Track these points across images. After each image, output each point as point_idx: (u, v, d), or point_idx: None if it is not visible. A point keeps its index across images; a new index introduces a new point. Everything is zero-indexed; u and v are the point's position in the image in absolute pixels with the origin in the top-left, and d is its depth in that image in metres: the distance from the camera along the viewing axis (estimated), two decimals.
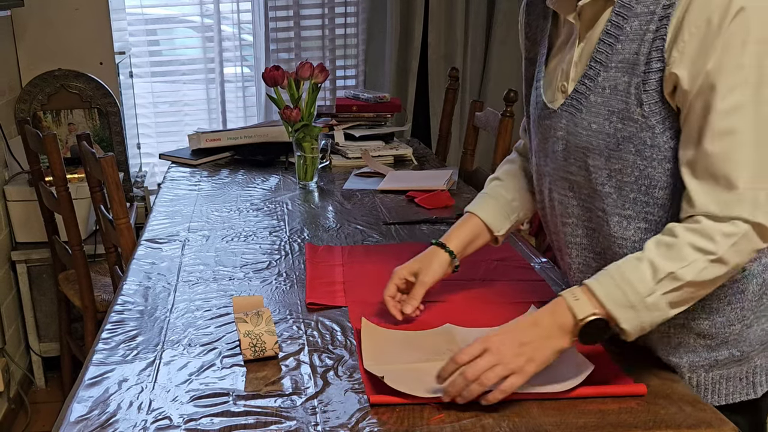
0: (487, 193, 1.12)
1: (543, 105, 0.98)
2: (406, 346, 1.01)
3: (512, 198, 1.11)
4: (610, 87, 0.87)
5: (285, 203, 1.72)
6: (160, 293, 1.21)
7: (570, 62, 0.93)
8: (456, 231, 1.09)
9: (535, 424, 0.83)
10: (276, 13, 2.88)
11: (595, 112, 0.89)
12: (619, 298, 0.82)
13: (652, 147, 0.86)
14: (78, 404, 0.89)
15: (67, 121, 2.42)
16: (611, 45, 0.87)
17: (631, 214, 0.90)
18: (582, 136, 0.91)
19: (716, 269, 0.82)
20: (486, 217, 1.10)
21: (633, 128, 0.86)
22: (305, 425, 0.84)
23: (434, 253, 1.07)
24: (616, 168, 0.89)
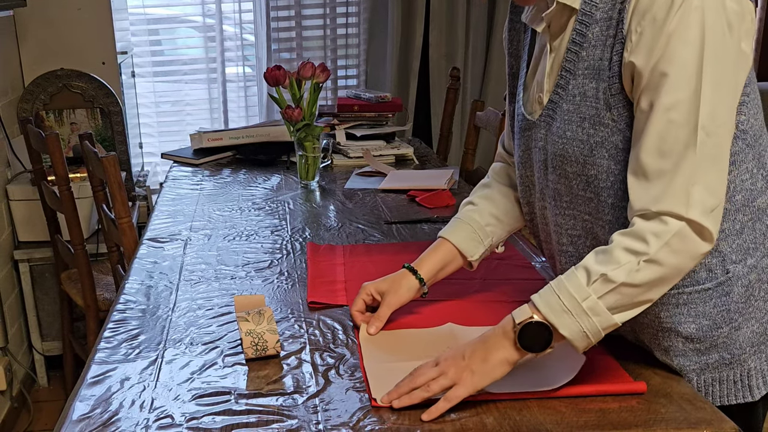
0: (460, 218, 1.11)
1: (523, 117, 0.99)
2: (406, 344, 1.01)
3: (486, 223, 1.10)
4: (579, 94, 0.88)
5: (287, 202, 1.72)
6: (162, 292, 1.22)
7: (543, 73, 0.94)
8: (428, 256, 1.08)
9: (535, 423, 0.83)
10: (278, 13, 2.89)
11: (567, 119, 0.90)
12: (554, 303, 0.83)
13: (624, 151, 0.86)
14: (80, 403, 0.89)
15: (70, 121, 2.42)
16: (577, 53, 0.88)
17: (611, 219, 0.90)
18: (558, 145, 0.91)
19: (651, 271, 0.80)
20: (459, 242, 1.08)
21: (605, 133, 0.87)
22: (306, 424, 0.84)
23: (404, 277, 1.07)
24: (592, 174, 0.89)
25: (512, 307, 1.09)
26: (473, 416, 0.85)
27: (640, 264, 0.80)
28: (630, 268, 0.81)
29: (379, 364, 0.94)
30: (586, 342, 0.84)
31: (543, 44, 0.95)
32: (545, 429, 0.82)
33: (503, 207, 1.11)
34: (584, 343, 0.84)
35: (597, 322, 0.82)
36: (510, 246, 1.40)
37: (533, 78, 0.98)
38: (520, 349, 0.84)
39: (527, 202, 1.05)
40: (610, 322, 0.83)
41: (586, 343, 0.84)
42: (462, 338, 1.01)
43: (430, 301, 1.13)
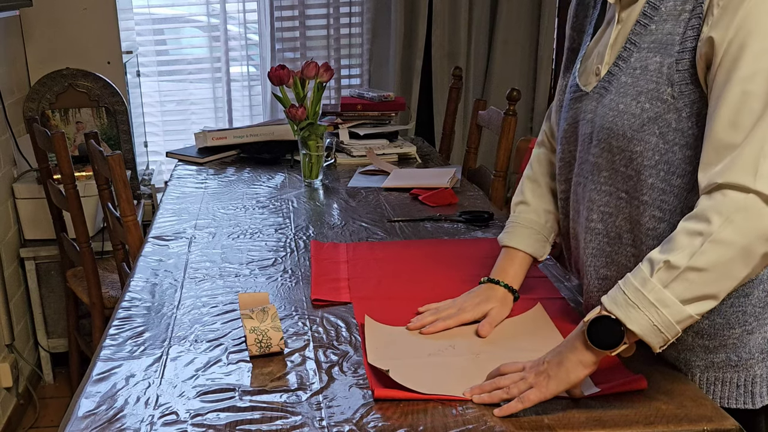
0: (520, 224, 1.13)
1: (576, 88, 0.99)
2: (409, 342, 1.02)
3: (545, 220, 1.12)
4: (640, 67, 0.87)
5: (290, 201, 1.73)
6: (167, 290, 1.22)
7: (606, 45, 0.93)
8: (509, 271, 1.10)
9: (537, 419, 0.84)
10: (281, 12, 2.89)
11: (622, 92, 0.89)
12: (619, 298, 0.81)
13: (675, 130, 0.85)
14: (86, 399, 0.90)
15: (75, 120, 2.44)
16: (646, 26, 0.88)
17: (647, 200, 0.89)
18: (608, 117, 0.91)
19: (716, 252, 0.76)
20: (528, 247, 1.11)
21: (660, 109, 0.86)
22: (310, 420, 0.84)
23: (505, 297, 1.08)
24: (638, 150, 0.88)
25: (515, 304, 1.12)
26: (476, 413, 0.85)
27: (704, 245, 0.76)
28: (692, 250, 0.77)
29: (383, 359, 0.95)
30: (660, 338, 0.79)
31: (611, 16, 0.95)
32: (546, 425, 0.83)
33: (554, 200, 1.12)
34: (658, 339, 0.79)
35: (668, 315, 0.78)
36: None
37: (594, 50, 0.97)
38: (592, 347, 0.82)
39: (564, 179, 1.04)
40: (683, 314, 0.78)
41: (661, 340, 0.80)
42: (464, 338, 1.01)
43: (435, 296, 1.13)
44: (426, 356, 0.97)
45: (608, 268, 0.97)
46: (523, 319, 1.08)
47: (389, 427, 0.83)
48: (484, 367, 0.92)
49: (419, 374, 0.91)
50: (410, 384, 0.88)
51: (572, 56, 1.05)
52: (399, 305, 1.13)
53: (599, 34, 0.98)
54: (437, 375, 0.91)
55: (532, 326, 1.06)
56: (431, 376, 0.91)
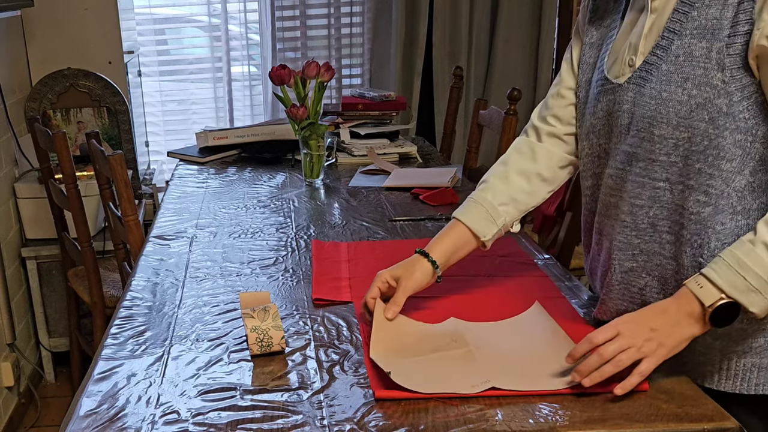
0: (473, 199, 1.10)
1: (604, 81, 0.97)
2: (413, 336, 1.02)
3: (499, 202, 1.08)
4: (684, 54, 0.87)
5: (291, 200, 1.73)
6: (168, 289, 1.23)
7: (640, 35, 0.92)
8: (440, 240, 1.08)
9: (537, 418, 0.84)
10: (282, 12, 2.89)
11: (665, 80, 0.89)
12: (740, 284, 0.83)
13: (726, 115, 0.85)
14: (87, 398, 0.90)
15: (77, 120, 2.44)
16: (686, 13, 0.87)
17: (693, 185, 0.89)
18: (649, 106, 0.90)
19: None
20: (471, 222, 1.07)
21: (710, 94, 0.85)
22: (311, 419, 0.85)
23: (417, 261, 1.06)
24: (685, 137, 0.88)
25: (515, 303, 1.12)
26: (477, 411, 0.85)
27: None
28: None
29: (386, 357, 0.95)
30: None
31: (641, 7, 0.94)
32: (547, 424, 0.83)
33: (518, 186, 1.09)
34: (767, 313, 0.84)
35: None
36: (513, 244, 1.40)
37: (623, 42, 0.96)
38: (706, 324, 0.85)
39: (593, 174, 1.03)
40: None
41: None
42: (465, 333, 1.02)
43: (436, 297, 1.14)
44: (428, 352, 0.97)
45: (634, 259, 0.96)
46: (523, 317, 1.09)
47: (390, 426, 0.83)
48: (485, 362, 0.94)
49: (421, 373, 0.91)
50: (412, 385, 0.88)
51: (591, 51, 1.03)
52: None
53: (626, 25, 0.97)
54: (438, 374, 0.92)
55: (531, 322, 1.07)
56: (432, 374, 0.92)
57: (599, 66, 1.00)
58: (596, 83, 1.00)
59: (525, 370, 0.92)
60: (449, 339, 1.00)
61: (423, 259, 1.06)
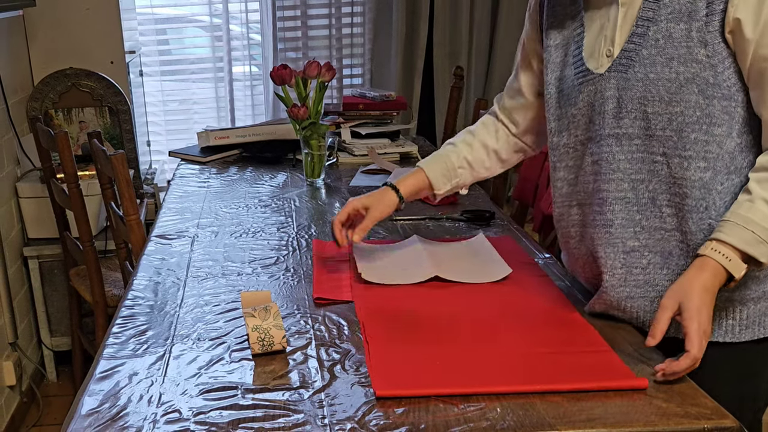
0: (439, 154, 1.25)
1: (585, 73, 1.03)
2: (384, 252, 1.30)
3: (459, 165, 1.24)
4: (663, 37, 0.95)
5: (293, 200, 1.73)
6: (170, 288, 1.23)
7: (614, 28, 1.00)
8: (406, 180, 1.24)
9: (538, 417, 0.84)
10: (284, 12, 2.90)
11: (649, 62, 0.96)
12: (750, 237, 0.90)
13: (713, 86, 0.93)
14: (89, 397, 0.90)
15: (78, 119, 2.44)
16: (657, 1, 0.95)
17: (691, 155, 0.96)
18: (638, 88, 0.97)
19: None
20: (431, 174, 1.24)
21: (696, 69, 0.93)
22: (312, 418, 0.85)
23: (386, 193, 1.22)
24: (677, 111, 0.95)
25: (516, 302, 1.12)
26: (477, 410, 0.86)
27: None
28: None
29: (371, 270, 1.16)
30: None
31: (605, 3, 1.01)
32: (548, 423, 0.83)
33: (478, 156, 1.25)
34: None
35: None
36: (513, 243, 1.41)
37: (596, 36, 1.03)
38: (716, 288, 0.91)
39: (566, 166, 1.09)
40: None
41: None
42: (423, 245, 1.32)
43: (435, 297, 1.14)
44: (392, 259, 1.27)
45: (636, 238, 1.01)
46: (469, 241, 1.37)
47: (391, 425, 0.83)
48: (434, 262, 1.24)
49: (383, 272, 1.19)
50: (376, 279, 1.18)
51: (557, 51, 1.10)
52: (400, 303, 1.14)
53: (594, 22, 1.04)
54: (397, 271, 1.20)
55: (475, 243, 1.36)
56: (392, 272, 1.20)
57: (573, 62, 1.06)
58: (575, 77, 1.05)
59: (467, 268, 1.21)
60: (410, 249, 1.30)
61: (391, 191, 1.22)
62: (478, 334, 1.04)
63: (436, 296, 1.16)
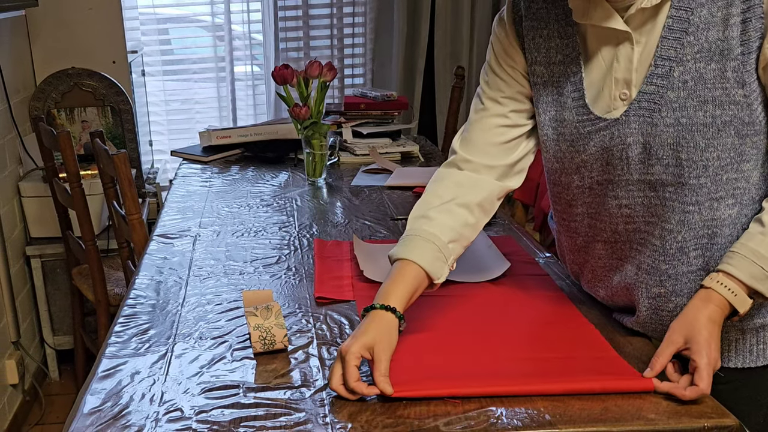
0: (420, 237, 0.98)
1: (595, 119, 0.95)
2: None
3: (449, 239, 0.99)
4: (693, 78, 0.88)
5: (294, 199, 1.74)
6: (172, 287, 1.23)
7: (627, 69, 0.92)
8: (396, 287, 0.95)
9: (539, 416, 0.85)
10: (285, 12, 2.90)
11: (678, 106, 0.89)
12: (758, 273, 0.88)
13: (748, 124, 0.90)
14: (91, 396, 0.90)
15: (81, 119, 2.45)
16: (679, 39, 0.88)
17: (723, 195, 0.92)
18: (669, 133, 0.90)
19: None
20: (426, 265, 0.97)
21: (734, 110, 0.88)
22: (314, 417, 0.85)
23: (383, 319, 0.93)
24: (714, 156, 0.90)
25: (516, 301, 1.12)
26: (478, 409, 0.86)
27: None
28: None
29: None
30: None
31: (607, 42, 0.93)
32: (548, 421, 0.83)
33: (462, 219, 1.01)
34: None
35: None
36: (514, 242, 1.41)
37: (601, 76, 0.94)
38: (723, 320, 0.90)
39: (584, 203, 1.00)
40: None
41: None
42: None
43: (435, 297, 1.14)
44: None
45: (662, 285, 0.97)
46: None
47: (392, 423, 0.83)
48: None
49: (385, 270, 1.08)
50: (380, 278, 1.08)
51: (546, 89, 0.99)
52: None
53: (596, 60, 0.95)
54: None
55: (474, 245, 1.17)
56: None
57: (574, 106, 0.97)
58: (579, 124, 0.97)
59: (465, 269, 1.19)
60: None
61: (388, 314, 0.93)
62: (480, 334, 1.04)
63: (438, 296, 1.16)
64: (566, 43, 0.98)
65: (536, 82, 1.02)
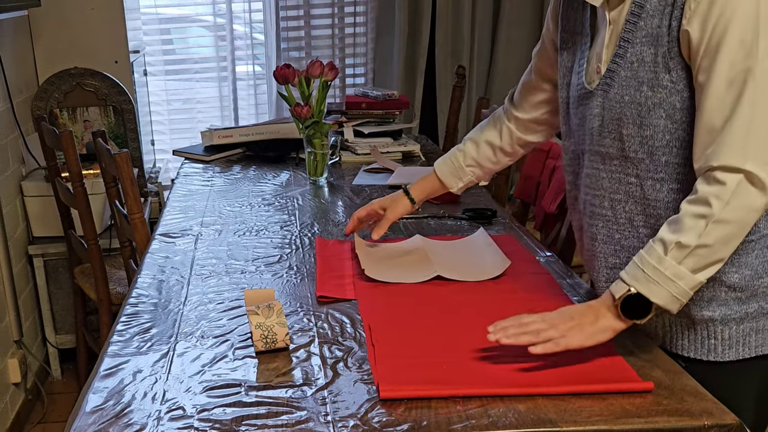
0: (447, 156, 1.33)
1: (582, 87, 1.05)
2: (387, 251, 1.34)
3: (467, 164, 1.30)
4: (637, 60, 0.96)
5: (296, 198, 1.74)
6: (174, 286, 1.24)
7: (602, 45, 1.01)
8: (420, 184, 1.34)
9: (539, 414, 0.85)
10: (287, 12, 2.91)
11: (625, 85, 0.97)
12: (640, 276, 0.91)
13: (681, 110, 0.94)
14: (93, 395, 0.91)
15: (83, 119, 2.46)
16: (635, 23, 0.96)
17: (664, 177, 0.97)
18: (616, 109, 0.99)
19: (719, 230, 0.88)
20: (442, 176, 1.32)
21: (662, 94, 0.94)
22: (315, 415, 0.85)
23: (401, 199, 1.33)
24: (648, 134, 0.96)
25: (517, 300, 1.13)
26: (479, 407, 0.86)
27: (708, 226, 0.88)
28: (699, 231, 0.88)
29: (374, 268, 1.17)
30: (678, 304, 0.91)
31: (601, 19, 1.02)
32: (549, 419, 0.84)
33: (485, 154, 1.30)
34: (677, 305, 0.91)
35: (683, 285, 0.90)
36: (514, 241, 1.41)
37: (593, 51, 1.04)
38: (624, 319, 0.92)
39: (572, 171, 1.12)
40: (696, 282, 0.90)
41: (678, 305, 0.91)
42: (425, 245, 1.35)
43: (437, 294, 1.15)
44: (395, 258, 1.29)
45: (617, 255, 1.05)
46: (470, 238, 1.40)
47: (393, 422, 0.84)
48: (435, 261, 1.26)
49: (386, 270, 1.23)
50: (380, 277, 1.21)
51: (568, 56, 1.11)
52: (403, 302, 1.15)
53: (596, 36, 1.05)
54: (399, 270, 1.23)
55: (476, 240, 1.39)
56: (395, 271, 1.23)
57: (579, 71, 1.07)
58: (576, 87, 1.07)
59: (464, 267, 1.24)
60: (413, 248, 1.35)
61: (405, 197, 1.33)
62: (480, 334, 1.04)
63: (439, 296, 1.16)
64: (584, 15, 1.08)
65: (562, 48, 1.13)
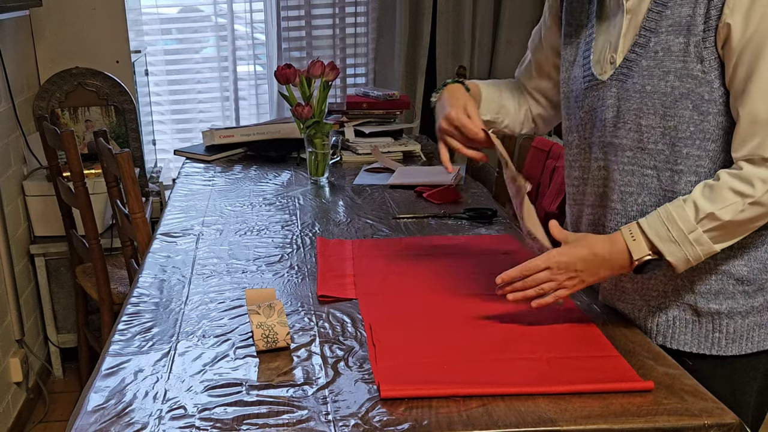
0: (497, 89, 1.24)
1: (591, 78, 1.04)
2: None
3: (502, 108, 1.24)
4: (662, 50, 0.94)
5: (297, 198, 1.74)
6: (175, 286, 1.24)
7: (618, 35, 1.00)
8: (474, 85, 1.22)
9: (539, 414, 0.85)
10: (288, 12, 2.91)
11: (647, 74, 0.96)
12: (664, 234, 0.92)
13: (709, 102, 0.93)
14: (95, 394, 0.91)
15: (85, 118, 2.46)
16: (660, 12, 0.95)
17: (683, 169, 0.96)
18: (635, 99, 0.97)
19: (754, 211, 0.90)
20: (486, 95, 1.22)
21: (691, 84, 0.93)
22: (316, 414, 0.86)
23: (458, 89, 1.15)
24: (671, 125, 0.95)
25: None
26: (480, 407, 0.86)
27: (745, 205, 0.89)
28: (736, 208, 0.90)
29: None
30: (687, 266, 0.94)
31: (616, 8, 1.01)
32: (549, 419, 0.84)
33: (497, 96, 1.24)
34: (685, 266, 0.93)
35: (700, 251, 0.92)
36: (515, 242, 1.41)
37: (603, 41, 1.03)
38: (627, 267, 0.95)
39: (580, 166, 1.10)
40: (712, 250, 0.92)
41: (687, 267, 0.94)
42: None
43: (438, 295, 1.15)
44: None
45: None
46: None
47: (394, 421, 0.84)
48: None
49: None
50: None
51: (570, 49, 1.10)
52: (404, 301, 1.15)
53: (604, 26, 1.04)
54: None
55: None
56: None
57: (584, 63, 1.06)
58: (583, 79, 1.06)
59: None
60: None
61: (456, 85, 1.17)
62: (482, 334, 1.04)
63: (440, 296, 1.16)
64: (590, 7, 1.07)
65: (563, 42, 1.12)
